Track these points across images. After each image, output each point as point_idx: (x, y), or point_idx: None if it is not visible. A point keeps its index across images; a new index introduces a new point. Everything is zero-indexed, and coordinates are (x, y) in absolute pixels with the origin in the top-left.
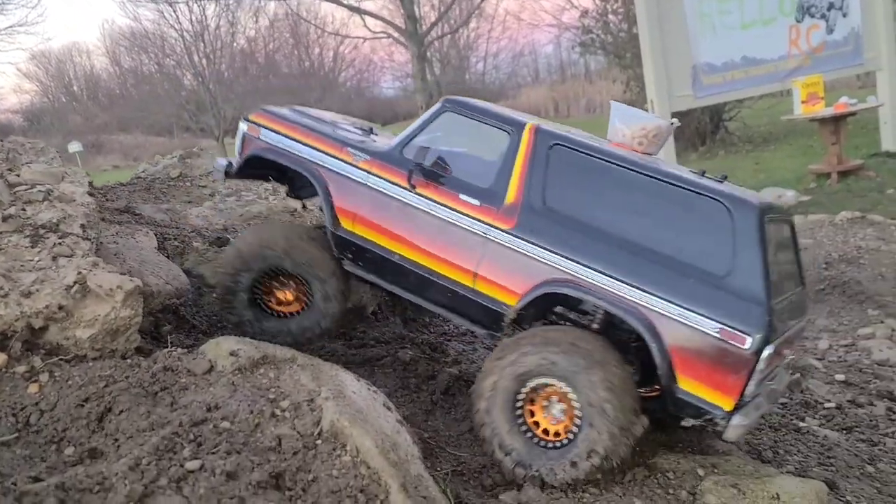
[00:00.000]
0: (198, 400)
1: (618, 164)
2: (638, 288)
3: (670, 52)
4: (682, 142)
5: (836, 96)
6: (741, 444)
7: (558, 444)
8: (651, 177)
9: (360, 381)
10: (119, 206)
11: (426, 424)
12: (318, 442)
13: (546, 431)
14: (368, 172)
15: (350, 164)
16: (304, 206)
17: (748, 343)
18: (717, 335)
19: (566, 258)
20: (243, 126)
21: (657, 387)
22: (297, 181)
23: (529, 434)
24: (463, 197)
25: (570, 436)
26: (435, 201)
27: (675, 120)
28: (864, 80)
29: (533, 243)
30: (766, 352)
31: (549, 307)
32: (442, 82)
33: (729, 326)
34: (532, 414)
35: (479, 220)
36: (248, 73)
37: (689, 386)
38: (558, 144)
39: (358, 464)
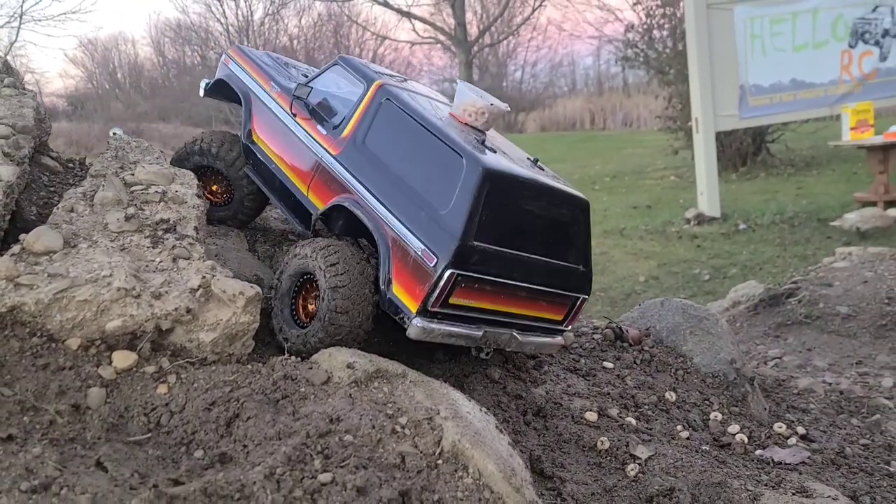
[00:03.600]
0: (318, 411)
1: (414, 119)
2: (389, 211)
3: (718, 70)
4: (723, 161)
5: (883, 124)
6: (836, 486)
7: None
8: (430, 132)
9: (472, 402)
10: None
11: (522, 446)
12: (440, 462)
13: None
14: (274, 100)
15: (267, 92)
16: None
17: (433, 262)
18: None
19: (357, 181)
20: (223, 56)
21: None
22: None
23: (294, 316)
24: (318, 128)
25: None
26: (302, 127)
27: (506, 105)
28: None
29: (344, 167)
30: (447, 273)
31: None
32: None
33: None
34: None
35: (320, 145)
36: None
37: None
38: (388, 99)
39: (481, 487)
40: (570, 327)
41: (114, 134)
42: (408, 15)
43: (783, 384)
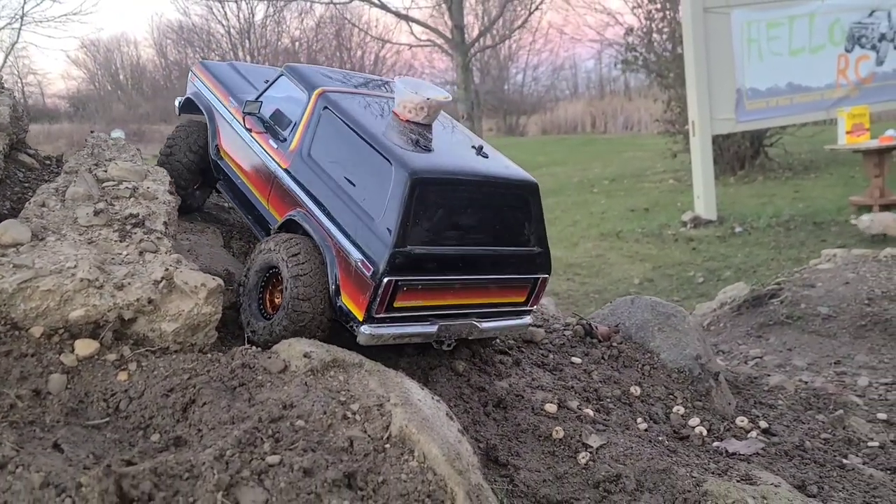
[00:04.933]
0: (273, 397)
1: (349, 126)
2: (332, 221)
3: (715, 74)
4: (721, 165)
5: (879, 128)
6: (786, 476)
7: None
8: (364, 140)
9: (424, 390)
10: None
11: (479, 435)
12: (387, 446)
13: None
14: (233, 116)
15: (226, 108)
16: None
17: (370, 271)
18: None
19: (306, 194)
20: (190, 74)
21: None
22: None
23: (262, 309)
24: (270, 141)
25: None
26: (257, 141)
27: (446, 96)
28: None
29: (293, 180)
30: (385, 281)
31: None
32: (481, 91)
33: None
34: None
35: (273, 159)
36: None
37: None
38: (327, 108)
39: (425, 469)
40: (535, 307)
41: (90, 136)
42: (405, 18)
43: (755, 381)
